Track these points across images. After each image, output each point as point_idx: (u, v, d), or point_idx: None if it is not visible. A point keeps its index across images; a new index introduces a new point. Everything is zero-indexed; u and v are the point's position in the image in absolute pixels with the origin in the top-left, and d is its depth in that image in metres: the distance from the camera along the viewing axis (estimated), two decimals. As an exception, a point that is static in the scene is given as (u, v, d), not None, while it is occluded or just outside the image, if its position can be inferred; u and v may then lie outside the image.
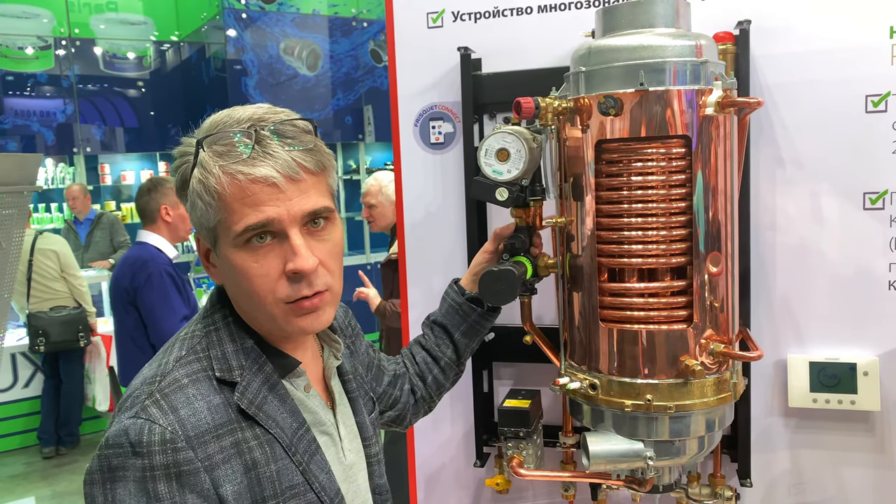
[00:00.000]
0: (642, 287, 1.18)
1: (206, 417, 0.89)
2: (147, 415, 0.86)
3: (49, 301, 4.88)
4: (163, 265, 2.90)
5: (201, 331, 0.97)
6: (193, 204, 0.92)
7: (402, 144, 1.62)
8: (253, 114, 0.92)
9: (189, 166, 0.93)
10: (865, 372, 1.36)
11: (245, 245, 0.90)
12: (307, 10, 6.60)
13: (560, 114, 1.21)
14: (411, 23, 1.57)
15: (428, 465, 1.70)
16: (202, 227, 0.93)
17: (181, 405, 0.88)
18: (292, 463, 0.94)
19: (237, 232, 0.89)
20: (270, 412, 0.94)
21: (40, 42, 6.64)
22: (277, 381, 0.97)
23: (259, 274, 0.90)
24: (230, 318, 0.98)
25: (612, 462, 1.21)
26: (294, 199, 0.89)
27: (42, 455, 5.20)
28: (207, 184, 0.89)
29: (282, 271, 0.90)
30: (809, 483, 1.45)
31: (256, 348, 0.97)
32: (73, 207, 6.07)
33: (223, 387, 0.93)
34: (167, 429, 0.85)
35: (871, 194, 1.35)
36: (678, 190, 1.15)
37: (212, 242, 0.94)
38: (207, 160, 0.89)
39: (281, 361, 0.99)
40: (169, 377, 0.91)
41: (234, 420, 0.91)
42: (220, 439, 0.89)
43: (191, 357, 0.94)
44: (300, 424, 0.97)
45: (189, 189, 0.92)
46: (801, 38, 1.35)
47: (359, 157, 7.34)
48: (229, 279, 0.95)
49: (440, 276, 1.61)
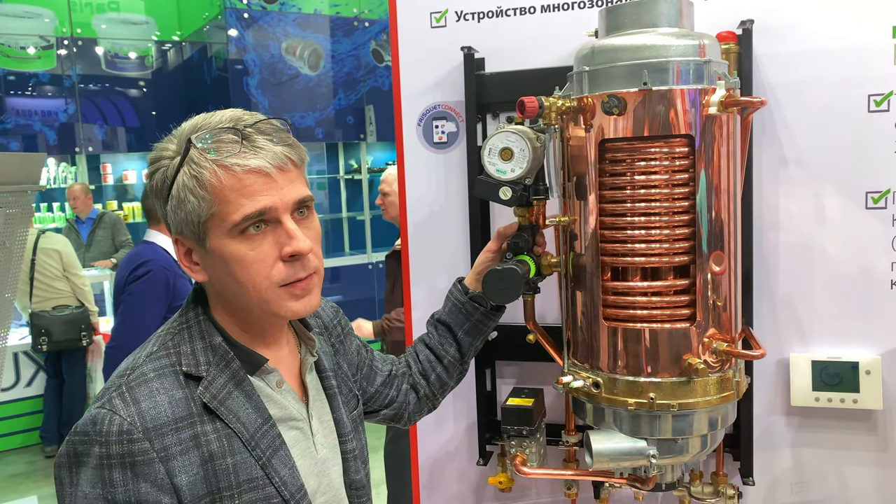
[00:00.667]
0: (645, 286, 1.18)
1: (167, 411, 0.93)
2: (111, 406, 0.92)
3: (51, 300, 4.89)
4: (164, 268, 2.86)
5: (175, 328, 1.02)
6: (182, 201, 0.94)
7: (406, 144, 1.63)
8: (232, 115, 0.98)
9: (169, 168, 0.96)
10: (868, 371, 1.37)
11: (240, 235, 0.94)
12: (309, 10, 6.60)
13: (563, 113, 1.21)
14: (415, 22, 1.57)
15: (431, 464, 1.70)
16: (188, 224, 0.95)
17: (143, 398, 0.93)
18: (251, 457, 0.97)
19: (235, 222, 0.93)
20: (233, 407, 0.98)
21: (42, 42, 6.64)
22: (244, 378, 1.01)
23: (256, 260, 0.95)
24: (202, 316, 1.02)
25: (615, 460, 1.21)
26: (285, 189, 0.95)
27: (44, 454, 5.21)
28: (201, 178, 0.92)
29: (277, 256, 0.96)
30: (812, 481, 1.45)
31: (224, 345, 1.01)
32: (75, 207, 6.08)
33: (189, 382, 0.97)
34: (126, 420, 0.90)
35: (873, 193, 1.36)
36: (681, 189, 1.15)
37: (197, 239, 0.97)
38: (198, 157, 0.93)
39: (248, 358, 1.02)
40: (137, 371, 0.96)
41: (196, 414, 0.95)
42: (179, 432, 0.93)
43: (161, 353, 0.98)
44: (265, 420, 1.01)
45: (175, 188, 0.95)
46: (803, 38, 1.36)
47: (360, 157, 7.35)
48: (220, 272, 0.97)
49: (443, 276, 1.62)
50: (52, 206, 6.99)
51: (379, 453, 3.31)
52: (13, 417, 5.35)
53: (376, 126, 7.02)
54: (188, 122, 0.98)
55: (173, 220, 0.97)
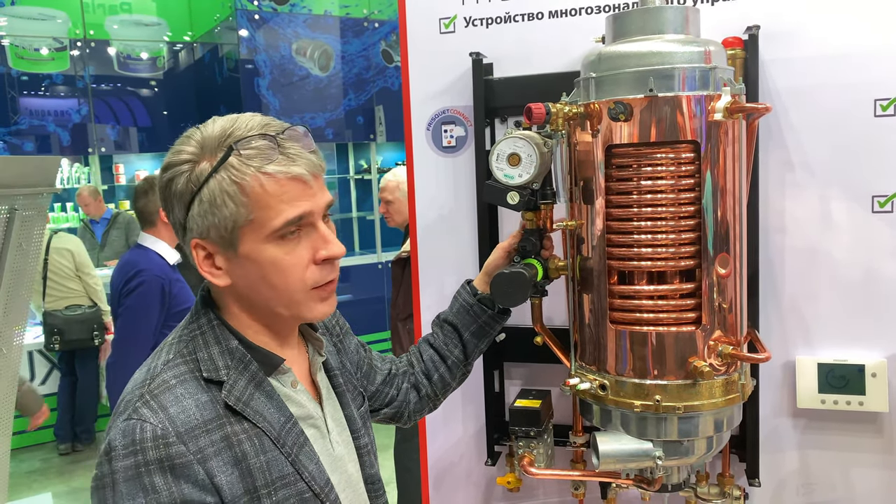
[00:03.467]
0: (651, 289, 1.20)
1: (195, 414, 0.93)
2: (139, 415, 0.91)
3: (64, 300, 4.93)
4: (158, 277, 2.78)
5: (187, 335, 1.02)
6: (216, 207, 0.94)
7: (415, 148, 1.65)
8: (260, 122, 0.98)
9: (194, 172, 0.95)
10: (874, 373, 1.38)
11: (278, 239, 0.96)
12: (319, 11, 6.64)
13: (570, 119, 1.23)
14: (424, 28, 1.59)
15: (440, 464, 1.72)
16: (218, 228, 0.95)
17: (170, 404, 0.93)
18: (281, 454, 0.99)
19: (276, 227, 0.95)
20: (257, 407, 0.99)
21: (56, 43, 6.71)
22: (263, 379, 1.02)
23: (291, 263, 0.97)
24: (215, 321, 1.03)
25: (621, 461, 1.23)
26: (318, 194, 0.99)
27: (58, 451, 5.27)
28: (244, 185, 0.93)
29: (310, 259, 0.99)
30: (817, 483, 1.46)
31: (241, 348, 1.01)
32: (87, 211, 6.13)
33: (210, 386, 0.97)
34: (158, 426, 0.90)
35: (879, 197, 1.36)
36: (687, 194, 1.17)
37: (226, 244, 0.96)
38: (240, 164, 0.93)
39: (265, 360, 1.03)
40: (158, 379, 0.96)
41: (223, 415, 0.96)
42: (210, 434, 0.94)
43: (178, 360, 0.98)
44: (287, 418, 1.02)
45: (207, 193, 0.94)
46: (809, 43, 1.37)
47: (370, 157, 7.37)
48: (251, 275, 0.98)
49: (452, 278, 1.64)
50: (65, 206, 7.06)
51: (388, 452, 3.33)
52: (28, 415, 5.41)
53: (386, 126, 7.05)
54: (211, 127, 0.98)
55: (198, 225, 0.96)
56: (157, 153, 7.51)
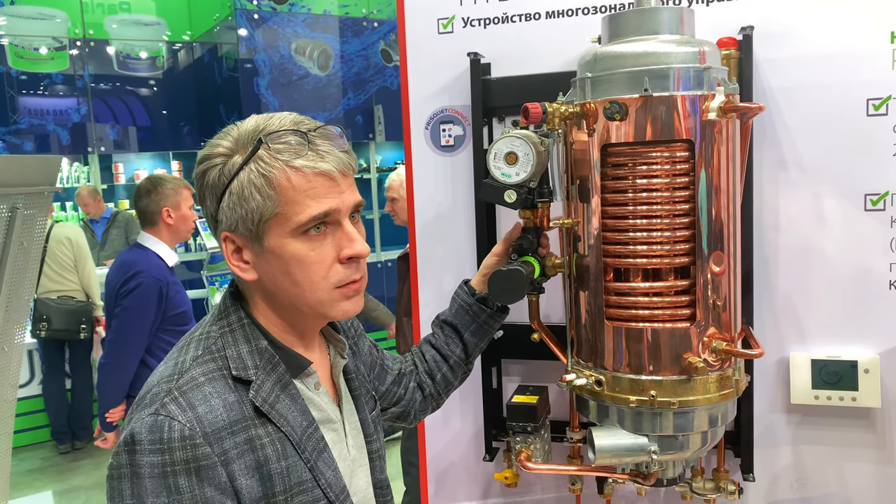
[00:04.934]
0: (647, 286, 1.21)
1: (222, 414, 0.93)
2: (167, 412, 0.90)
3: (57, 291, 4.91)
4: (157, 279, 2.79)
5: (217, 332, 1.01)
6: (244, 199, 0.95)
7: (414, 147, 1.67)
8: (293, 119, 1.00)
9: (227, 165, 0.97)
10: (866, 369, 1.39)
11: (303, 235, 0.96)
12: (318, 11, 6.65)
13: (567, 118, 1.24)
14: (422, 29, 1.61)
15: (438, 460, 1.74)
16: (246, 221, 0.96)
17: (198, 402, 0.92)
18: (301, 460, 0.99)
19: (301, 222, 0.95)
20: (282, 411, 0.99)
21: (55, 43, 6.72)
22: (289, 381, 1.02)
23: (316, 261, 0.98)
24: (245, 319, 1.02)
25: (617, 456, 1.25)
26: (346, 193, 0.99)
27: (58, 451, 5.28)
28: (271, 177, 0.94)
29: (335, 258, 0.99)
30: (811, 478, 1.48)
31: (270, 349, 1.01)
32: (87, 211, 6.14)
33: (238, 385, 0.97)
34: (186, 425, 0.89)
35: (872, 196, 1.38)
36: (682, 192, 1.18)
37: (253, 237, 0.97)
38: (268, 157, 0.95)
39: (293, 361, 1.04)
40: (186, 375, 0.95)
41: (249, 417, 0.96)
42: (235, 435, 0.94)
43: (206, 357, 0.98)
44: (309, 423, 1.02)
45: (237, 185, 0.96)
46: (803, 43, 1.38)
47: (369, 157, 7.39)
48: (275, 271, 0.99)
49: (451, 277, 1.65)
50: (65, 205, 7.07)
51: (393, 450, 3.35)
52: (28, 414, 5.42)
53: (385, 126, 7.06)
54: (247, 123, 0.99)
55: (228, 217, 0.97)
56: (156, 153, 7.52)
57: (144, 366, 2.85)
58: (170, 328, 2.89)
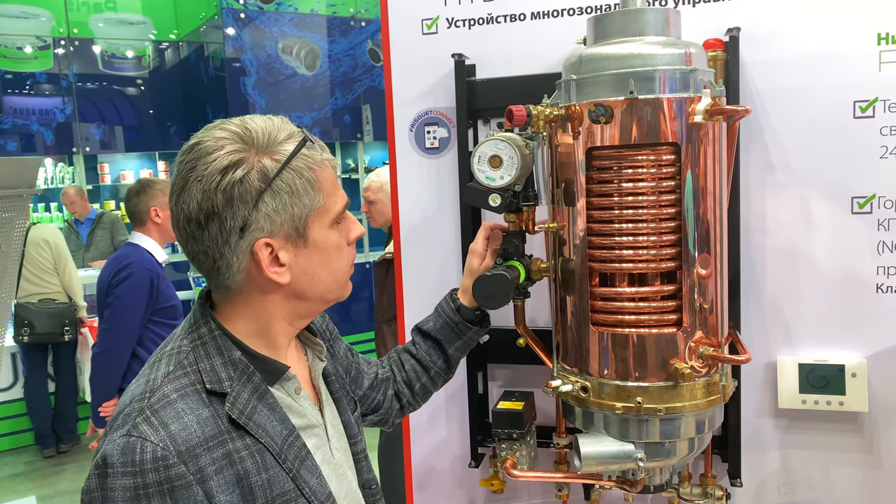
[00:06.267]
0: (633, 291, 1.20)
1: (197, 431, 0.91)
2: (139, 433, 0.88)
3: (38, 294, 4.86)
4: (148, 269, 2.89)
5: (188, 345, 0.99)
6: (296, 195, 0.95)
7: (398, 149, 1.64)
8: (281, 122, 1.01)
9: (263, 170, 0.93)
10: (853, 373, 1.38)
11: (336, 224, 1.03)
12: (305, 10, 6.61)
13: (551, 121, 1.23)
14: (406, 29, 1.59)
15: (423, 466, 1.72)
16: (293, 220, 0.96)
17: (171, 420, 0.90)
18: (283, 470, 0.97)
19: (338, 211, 1.02)
20: (260, 421, 0.97)
21: (39, 42, 6.65)
22: (266, 390, 1.00)
23: (344, 246, 1.05)
24: (217, 331, 1.00)
25: (603, 463, 1.23)
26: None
27: (43, 455, 5.22)
28: (317, 171, 0.98)
29: (348, 241, 1.06)
30: (798, 483, 1.47)
31: (244, 359, 0.99)
32: (73, 211, 6.08)
33: (213, 399, 0.95)
34: (158, 445, 0.87)
35: (858, 198, 1.37)
36: (668, 196, 1.17)
37: (298, 235, 0.97)
38: (308, 152, 0.98)
39: (270, 368, 1.02)
40: (158, 393, 0.93)
41: (225, 431, 0.93)
42: (212, 451, 0.91)
43: (179, 372, 0.96)
44: (290, 431, 1.00)
45: (282, 185, 0.94)
46: (790, 45, 1.37)
47: (357, 157, 7.36)
48: (316, 264, 1.01)
49: (435, 280, 1.63)
50: (49, 206, 7.00)
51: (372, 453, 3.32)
52: (11, 417, 5.36)
53: (373, 125, 7.03)
54: (251, 127, 0.95)
55: (271, 221, 0.94)
56: (142, 153, 7.46)
57: (136, 358, 2.91)
58: (161, 321, 2.97)
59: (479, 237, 1.40)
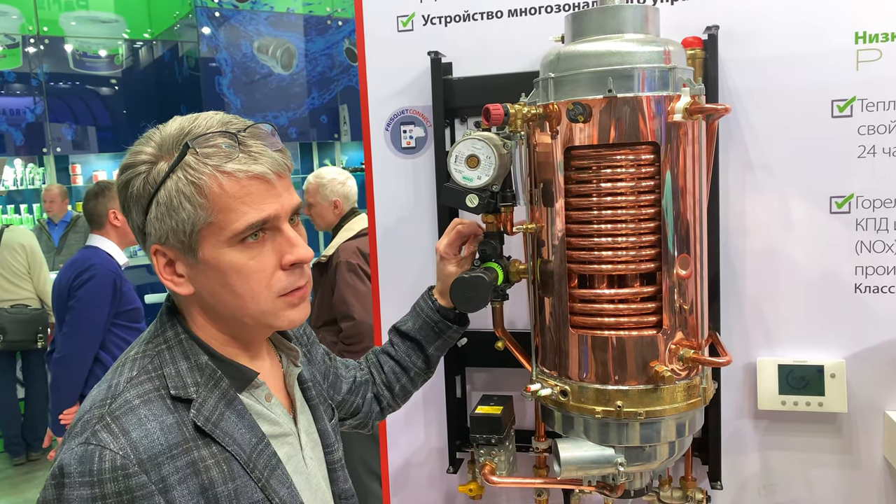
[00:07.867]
0: (612, 293, 1.18)
1: (160, 438, 0.87)
2: (97, 440, 0.84)
3: (10, 300, 4.75)
4: (110, 271, 2.86)
5: (152, 350, 0.95)
6: (173, 209, 0.89)
7: (374, 149, 1.61)
8: (220, 119, 0.93)
9: (151, 174, 0.90)
10: (832, 374, 1.38)
11: (240, 243, 0.90)
12: (281, 9, 6.53)
13: (529, 120, 1.20)
14: (381, 26, 1.55)
15: (401, 471, 1.69)
16: (177, 233, 0.90)
17: (133, 427, 0.86)
18: (251, 480, 0.93)
19: (237, 230, 0.89)
20: (227, 429, 0.93)
21: (8, 40, 6.50)
22: (234, 397, 0.96)
23: (256, 270, 0.92)
24: (183, 335, 0.96)
25: (583, 468, 1.21)
26: (283, 195, 0.93)
27: (12, 463, 5.10)
28: (201, 184, 0.88)
29: (276, 265, 0.93)
30: (779, 484, 1.46)
31: (211, 364, 0.95)
32: (50, 210, 5.96)
33: (178, 405, 0.91)
34: (118, 454, 0.83)
35: (837, 198, 1.37)
36: (647, 196, 1.15)
37: (186, 249, 0.91)
38: (196, 162, 0.88)
39: (238, 374, 0.98)
40: (120, 399, 0.89)
41: (190, 439, 0.90)
42: (175, 459, 0.87)
43: (142, 377, 0.92)
44: (259, 439, 0.96)
45: (164, 194, 0.89)
46: (769, 43, 1.36)
47: (335, 157, 7.30)
48: (213, 283, 0.92)
49: (412, 281, 1.60)
50: (19, 207, 6.85)
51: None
52: (-20, 424, 5.23)
53: (350, 125, 6.97)
54: (170, 126, 0.93)
55: (157, 230, 0.91)
56: (115, 153, 7.33)
57: (99, 363, 2.85)
58: (124, 324, 2.93)
59: (443, 238, 1.36)
